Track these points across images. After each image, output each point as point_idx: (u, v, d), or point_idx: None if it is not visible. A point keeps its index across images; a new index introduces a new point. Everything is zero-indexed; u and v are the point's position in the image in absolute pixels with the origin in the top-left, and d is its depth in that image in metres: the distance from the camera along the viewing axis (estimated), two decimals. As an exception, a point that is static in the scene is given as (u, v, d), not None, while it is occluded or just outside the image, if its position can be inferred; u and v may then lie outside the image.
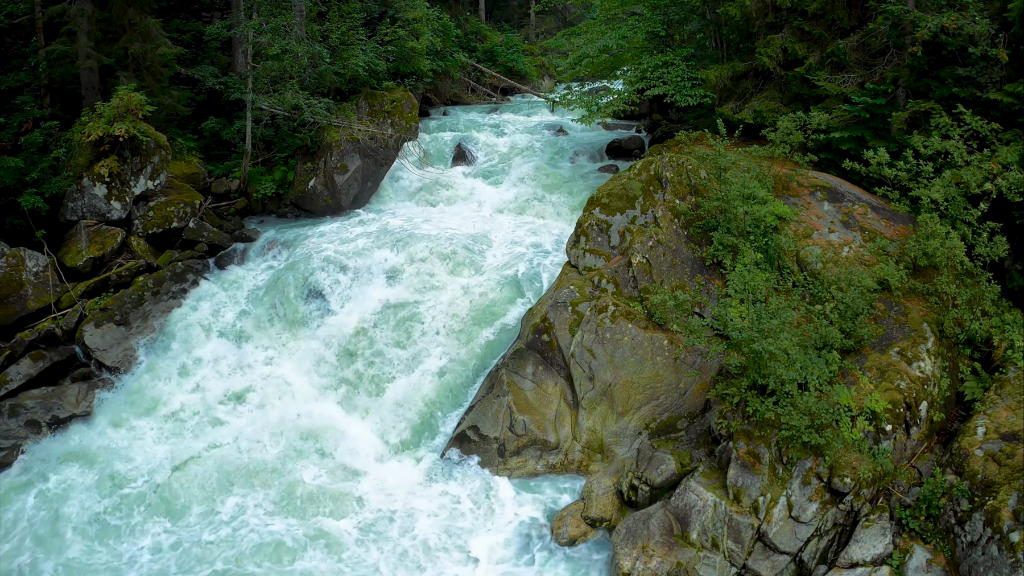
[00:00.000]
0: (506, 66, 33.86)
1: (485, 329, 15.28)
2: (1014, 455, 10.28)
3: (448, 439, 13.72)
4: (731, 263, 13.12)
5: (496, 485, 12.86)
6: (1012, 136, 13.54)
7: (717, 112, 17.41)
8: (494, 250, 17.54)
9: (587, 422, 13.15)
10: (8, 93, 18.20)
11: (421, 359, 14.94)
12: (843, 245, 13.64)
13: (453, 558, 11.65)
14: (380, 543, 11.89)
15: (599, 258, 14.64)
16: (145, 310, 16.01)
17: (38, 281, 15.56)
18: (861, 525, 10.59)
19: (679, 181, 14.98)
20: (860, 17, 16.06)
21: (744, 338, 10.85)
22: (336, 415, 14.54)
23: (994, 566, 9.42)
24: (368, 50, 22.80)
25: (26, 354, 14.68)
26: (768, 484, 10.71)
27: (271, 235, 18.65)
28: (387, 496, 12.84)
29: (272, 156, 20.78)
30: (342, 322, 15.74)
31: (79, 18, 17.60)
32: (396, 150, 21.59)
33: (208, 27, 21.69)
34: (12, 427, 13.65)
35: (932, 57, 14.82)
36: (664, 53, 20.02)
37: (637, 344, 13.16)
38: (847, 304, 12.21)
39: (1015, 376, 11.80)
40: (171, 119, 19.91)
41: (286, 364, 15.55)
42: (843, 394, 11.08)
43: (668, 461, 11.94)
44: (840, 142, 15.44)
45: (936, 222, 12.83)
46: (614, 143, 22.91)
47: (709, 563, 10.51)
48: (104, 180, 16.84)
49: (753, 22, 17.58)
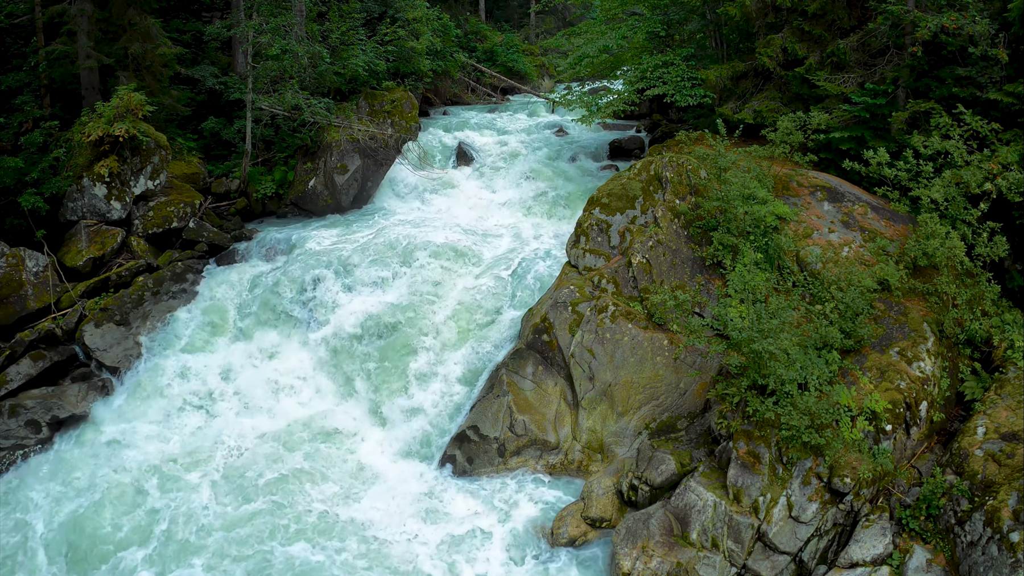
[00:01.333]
0: (506, 66, 33.87)
1: (485, 329, 15.29)
2: (1014, 455, 10.28)
3: (448, 440, 13.71)
4: (731, 263, 13.12)
5: (496, 485, 12.86)
6: (1012, 136, 13.54)
7: (717, 112, 17.41)
8: (494, 250, 17.53)
9: (587, 422, 13.15)
10: (8, 93, 18.21)
11: (420, 360, 14.93)
12: (843, 245, 13.64)
13: (453, 558, 11.64)
14: (381, 541, 11.90)
15: (599, 258, 14.64)
16: (145, 310, 16.01)
17: (38, 281, 15.56)
18: (861, 525, 10.59)
19: (679, 181, 14.97)
20: (860, 17, 16.05)
21: (744, 338, 10.85)
22: (336, 415, 14.54)
23: (994, 566, 9.42)
24: (368, 50, 22.81)
25: (26, 354, 14.69)
26: (768, 484, 10.71)
27: (271, 235, 18.64)
28: (387, 495, 12.84)
29: (272, 156, 20.78)
30: (342, 322, 15.73)
31: (79, 18, 17.61)
32: (396, 150, 21.59)
33: (208, 27, 21.69)
34: (12, 427, 13.65)
35: (932, 57, 14.82)
36: (664, 53, 20.02)
37: (637, 344, 13.16)
38: (847, 304, 12.21)
39: (1015, 376, 11.80)
40: (171, 119, 19.91)
41: (285, 364, 15.53)
42: (843, 394, 11.08)
43: (668, 461, 11.94)
44: (840, 142, 15.43)
45: (936, 222, 12.82)
46: (614, 143, 22.91)
47: (709, 563, 10.51)
48: (104, 180, 16.85)
49: (753, 22, 17.58)
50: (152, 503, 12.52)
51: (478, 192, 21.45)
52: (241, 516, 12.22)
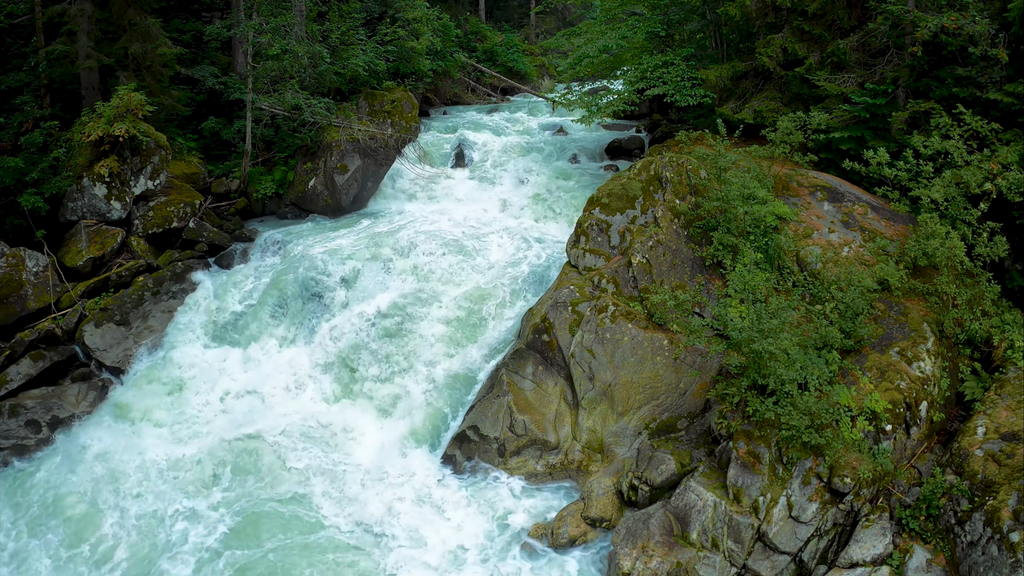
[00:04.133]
0: (506, 66, 33.85)
1: (485, 329, 15.28)
2: (1014, 455, 10.28)
3: (449, 439, 13.71)
4: (731, 263, 13.12)
5: (495, 485, 12.86)
6: (1012, 136, 13.53)
7: (717, 112, 17.40)
8: (494, 250, 17.52)
9: (587, 422, 13.15)
10: (8, 93, 18.21)
11: (421, 360, 14.94)
12: (843, 245, 13.64)
13: (452, 558, 11.64)
14: (381, 540, 11.91)
15: (599, 258, 14.64)
16: (145, 310, 16.01)
17: (38, 281, 15.56)
18: (861, 525, 10.59)
19: (679, 181, 14.97)
20: (860, 17, 16.05)
21: (744, 338, 10.84)
22: (337, 415, 14.54)
23: (994, 566, 9.42)
24: (368, 50, 22.80)
25: (26, 354, 14.69)
26: (768, 484, 10.71)
27: (271, 235, 18.65)
28: (388, 493, 12.84)
29: (272, 156, 20.78)
30: (341, 322, 15.73)
31: (79, 18, 17.60)
32: (396, 150, 21.59)
33: (208, 27, 21.69)
34: (12, 427, 13.65)
35: (932, 57, 14.82)
36: (664, 53, 20.01)
37: (637, 344, 13.16)
38: (847, 304, 12.21)
39: (1015, 376, 11.80)
40: (171, 119, 19.90)
41: (285, 364, 15.53)
42: (843, 394, 11.08)
43: (668, 461, 11.94)
44: (840, 142, 15.43)
45: (936, 222, 12.82)
46: (614, 143, 22.91)
47: (709, 563, 10.50)
48: (104, 180, 16.85)
49: (753, 22, 17.58)
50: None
51: (478, 192, 21.43)
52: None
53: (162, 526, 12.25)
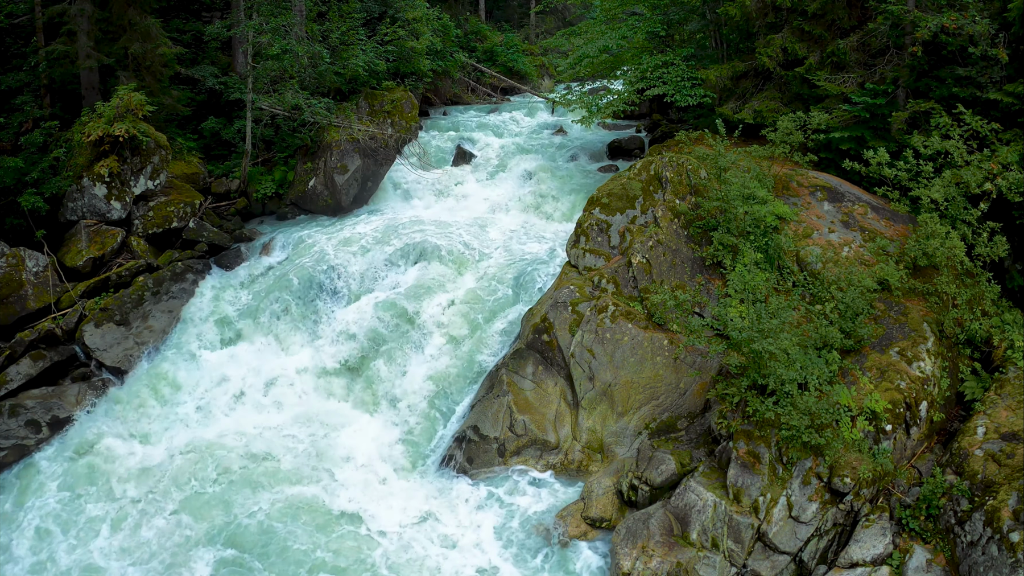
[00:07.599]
0: (506, 66, 33.83)
1: (485, 329, 15.29)
2: (1014, 455, 10.28)
3: (448, 440, 13.71)
4: (731, 263, 13.12)
5: (495, 485, 12.85)
6: (1012, 136, 13.54)
7: (717, 112, 17.40)
8: (494, 250, 17.53)
9: (587, 422, 13.15)
10: (8, 93, 18.20)
11: (421, 360, 14.94)
12: (843, 245, 13.64)
13: (452, 557, 11.64)
14: (380, 541, 11.91)
15: (599, 258, 14.64)
16: (145, 310, 16.01)
17: (38, 281, 15.56)
18: (861, 525, 10.59)
19: (679, 181, 14.97)
20: (860, 17, 16.05)
21: (744, 338, 10.85)
22: (337, 415, 14.55)
23: (994, 566, 9.42)
24: (368, 50, 22.79)
25: (26, 354, 14.68)
26: (768, 484, 10.71)
27: (271, 235, 18.65)
28: (388, 493, 12.85)
29: (272, 156, 20.78)
30: (341, 322, 15.74)
31: (79, 18, 17.61)
32: (396, 150, 21.59)
33: (208, 27, 21.69)
34: (12, 427, 13.65)
35: (932, 57, 14.82)
36: (664, 53, 20.01)
37: (637, 344, 13.16)
38: (847, 304, 12.21)
39: (1015, 376, 11.80)
40: (171, 119, 19.90)
41: (285, 364, 15.53)
42: (843, 394, 11.08)
43: (668, 461, 11.94)
44: (840, 142, 15.43)
45: (936, 222, 12.82)
46: (614, 143, 22.90)
47: (709, 563, 10.51)
48: (104, 180, 16.85)
49: (753, 22, 17.58)
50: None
51: (478, 192, 21.43)
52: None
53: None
